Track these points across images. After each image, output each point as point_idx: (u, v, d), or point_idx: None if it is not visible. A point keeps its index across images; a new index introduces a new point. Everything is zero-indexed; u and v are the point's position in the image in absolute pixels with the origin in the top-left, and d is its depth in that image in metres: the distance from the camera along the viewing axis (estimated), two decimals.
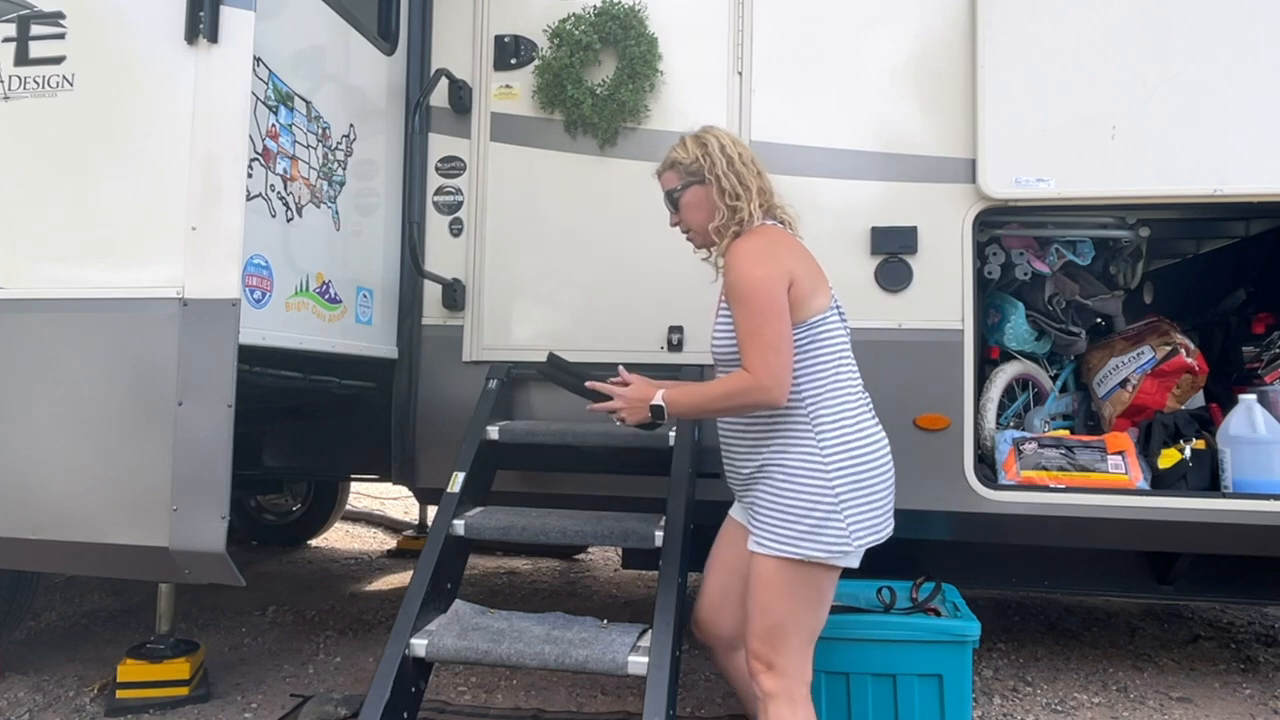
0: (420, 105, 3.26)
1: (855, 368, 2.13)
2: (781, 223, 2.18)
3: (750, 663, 2.02)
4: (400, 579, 4.96)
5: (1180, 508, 2.87)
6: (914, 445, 2.98)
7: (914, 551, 3.31)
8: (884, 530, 2.02)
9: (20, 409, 2.48)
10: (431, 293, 3.36)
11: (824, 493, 1.94)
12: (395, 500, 7.17)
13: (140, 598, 4.31)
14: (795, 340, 1.99)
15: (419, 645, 2.33)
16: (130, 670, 3.02)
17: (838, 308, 2.13)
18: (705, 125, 2.27)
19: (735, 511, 2.30)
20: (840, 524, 1.93)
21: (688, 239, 2.32)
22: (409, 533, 5.97)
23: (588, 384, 2.26)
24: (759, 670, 1.99)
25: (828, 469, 1.96)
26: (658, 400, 2.12)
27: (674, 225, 2.31)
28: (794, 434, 2.00)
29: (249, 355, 2.48)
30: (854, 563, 1.98)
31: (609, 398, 2.21)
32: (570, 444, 2.98)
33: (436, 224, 3.37)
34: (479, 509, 2.87)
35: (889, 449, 2.08)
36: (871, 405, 2.14)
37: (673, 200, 2.24)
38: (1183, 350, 3.19)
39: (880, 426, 2.11)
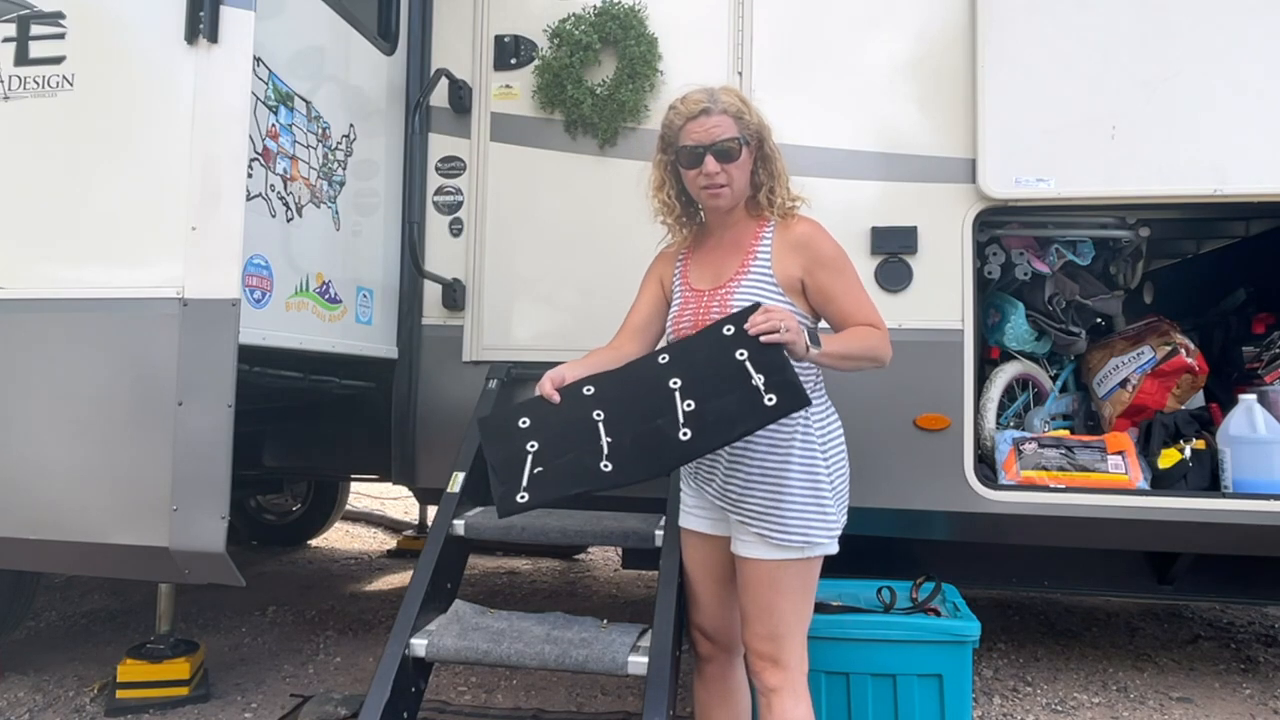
0: (420, 105, 3.26)
1: None
2: None
3: (754, 662, 2.03)
4: (400, 579, 4.96)
5: (1180, 508, 2.87)
6: (914, 445, 2.98)
7: (914, 551, 3.32)
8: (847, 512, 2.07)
9: (20, 409, 2.47)
10: (431, 293, 3.36)
11: (824, 488, 1.96)
12: (395, 500, 7.17)
13: (140, 598, 4.31)
14: None
15: (419, 645, 2.33)
16: (130, 670, 3.03)
17: None
18: (727, 86, 2.08)
19: (698, 524, 2.15)
20: (834, 514, 1.97)
21: (710, 196, 2.00)
22: (409, 533, 5.97)
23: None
24: (764, 668, 2.00)
25: (828, 464, 1.98)
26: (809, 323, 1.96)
27: (713, 174, 1.95)
28: (798, 434, 1.98)
29: (249, 355, 2.48)
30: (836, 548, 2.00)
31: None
32: None
33: (436, 224, 3.37)
34: (479, 509, 2.87)
35: None
36: None
37: (728, 149, 1.95)
38: (1183, 350, 3.19)
39: None
